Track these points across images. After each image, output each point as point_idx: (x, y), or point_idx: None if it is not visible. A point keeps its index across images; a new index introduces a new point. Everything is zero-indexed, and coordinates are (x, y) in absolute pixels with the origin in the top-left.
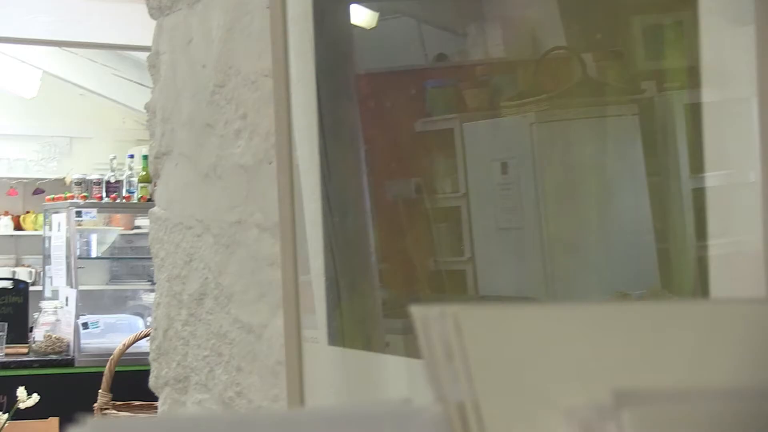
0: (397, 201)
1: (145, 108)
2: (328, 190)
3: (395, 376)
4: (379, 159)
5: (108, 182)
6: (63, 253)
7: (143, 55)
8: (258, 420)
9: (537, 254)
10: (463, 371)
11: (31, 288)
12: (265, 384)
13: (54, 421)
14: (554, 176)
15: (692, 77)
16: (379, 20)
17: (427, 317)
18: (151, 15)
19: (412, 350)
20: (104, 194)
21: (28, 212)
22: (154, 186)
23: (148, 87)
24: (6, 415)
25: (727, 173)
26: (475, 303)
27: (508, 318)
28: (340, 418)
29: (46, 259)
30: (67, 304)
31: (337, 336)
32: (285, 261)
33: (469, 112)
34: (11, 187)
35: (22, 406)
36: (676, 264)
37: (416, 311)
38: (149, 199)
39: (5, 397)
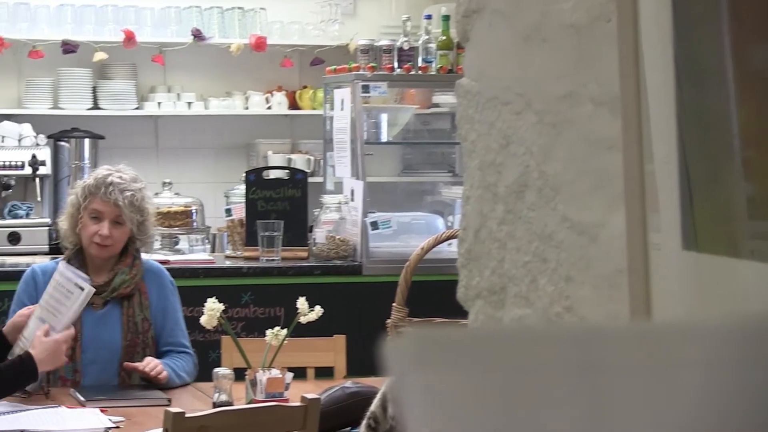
0: None
1: None
2: (679, 55)
3: (764, 289)
4: (746, 12)
5: (400, 49)
6: (347, 136)
7: None
8: (628, 332)
9: None
10: None
11: (309, 179)
12: (601, 297)
13: (340, 339)
14: None
15: None
16: None
17: None
18: None
19: None
20: (396, 64)
21: (305, 87)
22: (459, 52)
23: None
24: (285, 331)
25: None
26: None
27: None
28: (721, 332)
29: (327, 144)
30: (352, 199)
31: (690, 239)
32: (627, 143)
33: None
34: (285, 57)
35: (303, 320)
36: None
37: None
38: (450, 70)
39: (283, 310)
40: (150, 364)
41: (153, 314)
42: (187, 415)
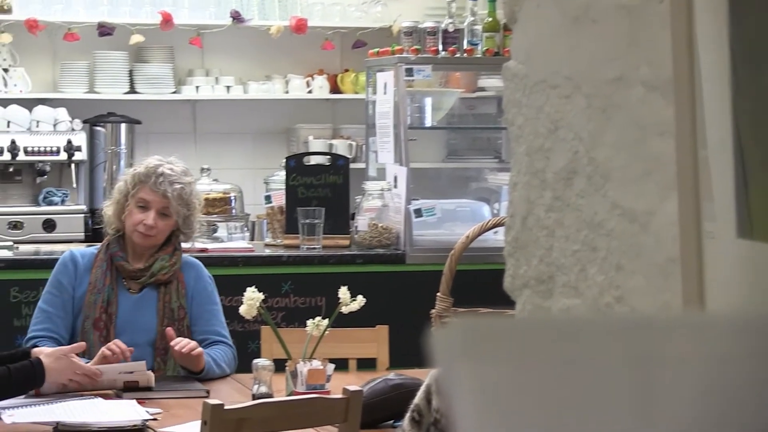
0: None
1: None
2: (734, 36)
3: None
4: None
5: (445, 31)
6: (390, 121)
7: None
8: (681, 323)
9: None
10: None
11: (351, 165)
12: (653, 287)
13: (383, 330)
14: None
15: None
16: None
17: None
18: None
19: None
20: (440, 47)
21: (346, 70)
22: (506, 34)
23: None
24: (326, 321)
25: None
26: None
27: None
28: None
29: (370, 129)
30: (395, 186)
31: (745, 227)
32: (680, 128)
33: None
34: (326, 39)
35: (344, 310)
36: None
37: None
38: (496, 53)
39: (324, 299)
40: (182, 341)
41: (189, 303)
42: (226, 407)
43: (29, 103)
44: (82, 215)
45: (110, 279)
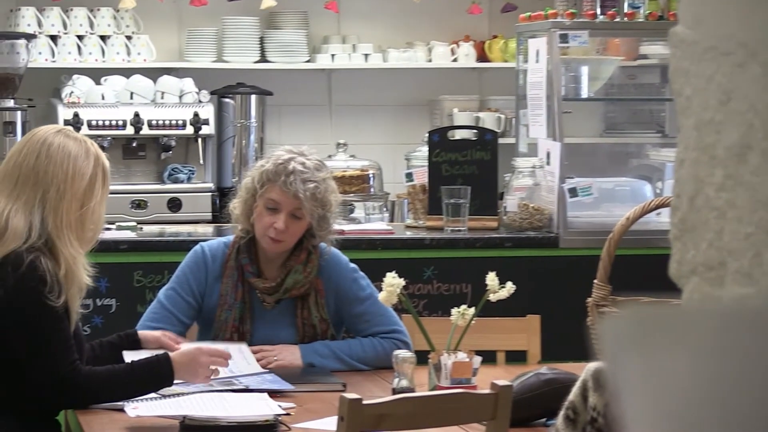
0: None
1: None
2: None
3: None
4: None
5: None
6: (543, 92)
7: None
8: None
9: None
10: None
11: (500, 140)
12: None
13: (534, 320)
14: None
15: None
16: None
17: None
18: None
19: None
20: (598, 10)
21: (495, 37)
22: None
23: None
24: (472, 310)
25: None
26: None
27: None
28: None
29: (520, 100)
30: (548, 163)
31: None
32: None
33: None
34: (473, 3)
35: (492, 297)
36: None
37: None
38: (660, 17)
39: (470, 286)
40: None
41: (331, 309)
42: (364, 402)
43: (154, 73)
44: (210, 194)
45: (242, 292)
